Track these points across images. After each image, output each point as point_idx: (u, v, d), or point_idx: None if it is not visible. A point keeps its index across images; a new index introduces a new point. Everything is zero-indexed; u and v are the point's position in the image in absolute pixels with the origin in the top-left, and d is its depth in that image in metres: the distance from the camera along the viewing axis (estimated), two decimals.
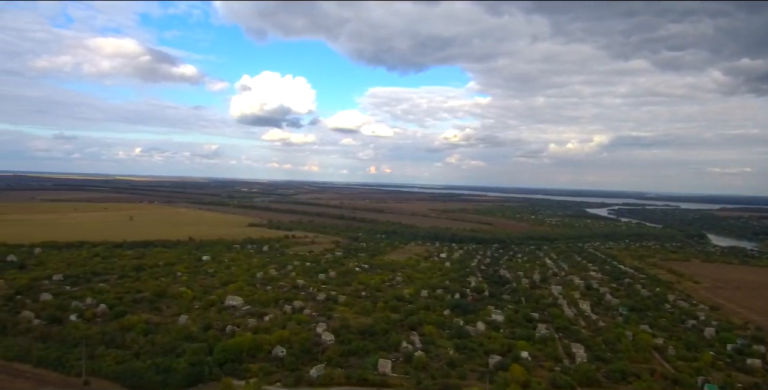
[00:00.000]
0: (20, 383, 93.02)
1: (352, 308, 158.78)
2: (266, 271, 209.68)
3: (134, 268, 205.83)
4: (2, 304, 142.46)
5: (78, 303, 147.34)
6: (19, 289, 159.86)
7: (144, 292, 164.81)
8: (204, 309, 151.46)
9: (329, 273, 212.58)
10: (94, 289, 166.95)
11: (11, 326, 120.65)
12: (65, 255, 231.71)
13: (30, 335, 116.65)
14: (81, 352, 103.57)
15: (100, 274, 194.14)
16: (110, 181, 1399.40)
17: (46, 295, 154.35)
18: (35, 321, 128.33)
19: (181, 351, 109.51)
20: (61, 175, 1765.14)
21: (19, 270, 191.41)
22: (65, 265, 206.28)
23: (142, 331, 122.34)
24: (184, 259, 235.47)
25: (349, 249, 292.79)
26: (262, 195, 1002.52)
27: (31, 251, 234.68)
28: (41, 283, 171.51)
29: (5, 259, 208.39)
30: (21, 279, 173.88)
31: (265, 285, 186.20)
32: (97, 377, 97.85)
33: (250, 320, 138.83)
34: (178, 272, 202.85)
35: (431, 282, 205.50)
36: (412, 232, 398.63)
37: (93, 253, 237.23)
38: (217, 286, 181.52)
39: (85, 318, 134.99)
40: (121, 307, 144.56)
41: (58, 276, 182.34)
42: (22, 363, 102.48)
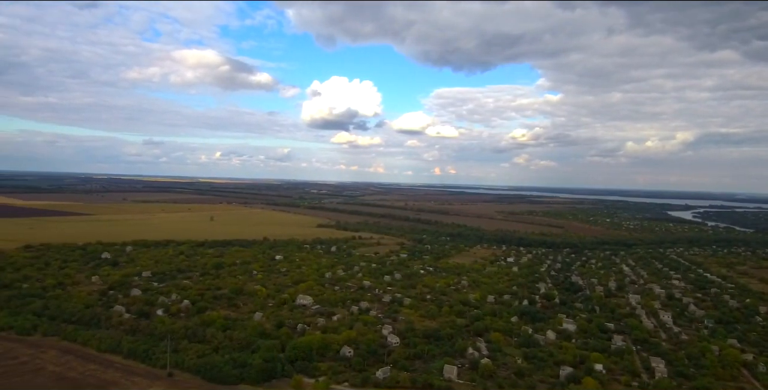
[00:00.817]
0: (111, 373, 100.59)
1: (417, 311, 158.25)
2: (334, 272, 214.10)
3: (214, 266, 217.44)
4: (97, 299, 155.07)
5: (164, 298, 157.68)
6: (112, 285, 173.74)
7: (223, 289, 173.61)
8: (277, 307, 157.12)
9: (394, 275, 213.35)
10: (179, 285, 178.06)
11: (104, 320, 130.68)
12: (153, 253, 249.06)
13: (121, 328, 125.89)
14: (166, 346, 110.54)
15: (184, 271, 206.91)
16: (193, 183, 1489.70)
17: (136, 291, 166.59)
18: (126, 315, 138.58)
19: (256, 347, 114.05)
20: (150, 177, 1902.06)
21: (113, 267, 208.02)
22: (153, 262, 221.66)
23: (221, 327, 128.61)
24: (259, 258, 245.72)
25: (413, 251, 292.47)
26: (330, 196, 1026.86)
27: (123, 249, 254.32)
28: (132, 280, 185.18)
29: (100, 257, 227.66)
30: (114, 275, 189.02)
31: (333, 285, 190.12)
32: (180, 370, 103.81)
33: (320, 319, 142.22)
34: (254, 270, 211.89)
35: (498, 287, 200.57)
36: (478, 235, 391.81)
37: (178, 252, 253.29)
38: (288, 284, 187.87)
39: (170, 313, 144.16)
40: (202, 303, 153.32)
41: (147, 273, 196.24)
42: (113, 354, 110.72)
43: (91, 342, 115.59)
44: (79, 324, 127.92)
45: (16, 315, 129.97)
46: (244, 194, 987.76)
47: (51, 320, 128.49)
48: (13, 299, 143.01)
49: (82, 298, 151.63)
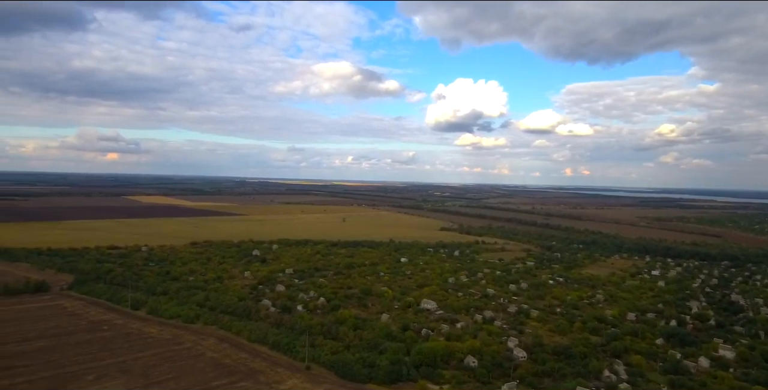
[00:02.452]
0: (258, 362, 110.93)
1: (546, 325, 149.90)
2: (457, 277, 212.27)
3: (346, 265, 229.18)
4: (248, 293, 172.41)
5: (303, 295, 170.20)
6: (261, 280, 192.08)
7: (354, 289, 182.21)
8: (402, 309, 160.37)
9: (520, 284, 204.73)
10: (316, 283, 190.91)
11: (254, 312, 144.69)
12: (294, 251, 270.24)
13: (267, 321, 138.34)
14: (305, 341, 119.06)
15: (320, 269, 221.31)
16: (328, 186, 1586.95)
17: (280, 287, 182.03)
18: (271, 309, 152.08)
19: (383, 348, 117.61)
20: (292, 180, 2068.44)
21: (261, 263, 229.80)
22: (294, 260, 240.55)
23: (352, 326, 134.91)
24: (386, 259, 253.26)
25: (541, 259, 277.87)
26: (453, 199, 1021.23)
27: (270, 247, 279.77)
28: (277, 276, 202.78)
29: (252, 254, 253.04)
30: (262, 271, 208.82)
31: (456, 291, 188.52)
32: (317, 364, 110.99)
33: (443, 325, 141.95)
34: (381, 272, 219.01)
35: (640, 304, 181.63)
36: (616, 243, 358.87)
37: (315, 251, 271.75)
38: (413, 287, 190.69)
39: (309, 309, 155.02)
40: (335, 302, 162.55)
41: (290, 270, 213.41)
42: (260, 345, 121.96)
43: (243, 332, 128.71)
44: (234, 315, 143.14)
45: (183, 305, 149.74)
46: (372, 196, 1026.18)
47: (211, 311, 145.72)
48: (181, 291, 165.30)
49: (237, 292, 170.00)
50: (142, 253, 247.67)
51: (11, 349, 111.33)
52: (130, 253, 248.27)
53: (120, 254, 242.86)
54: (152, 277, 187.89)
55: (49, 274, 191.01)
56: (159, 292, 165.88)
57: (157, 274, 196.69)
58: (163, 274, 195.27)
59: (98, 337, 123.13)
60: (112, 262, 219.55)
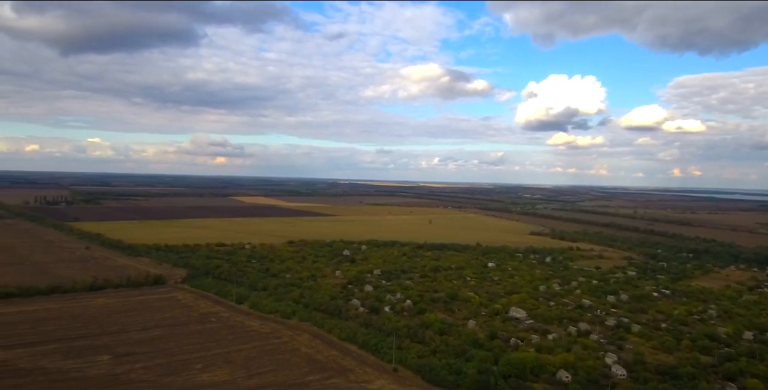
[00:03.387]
0: (348, 361, 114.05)
1: (649, 341, 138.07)
2: (549, 285, 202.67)
3: (432, 268, 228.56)
4: (339, 292, 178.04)
5: (390, 296, 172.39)
6: (350, 280, 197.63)
7: (440, 293, 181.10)
8: (489, 316, 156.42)
9: (620, 295, 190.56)
10: (402, 285, 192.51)
11: (344, 311, 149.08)
12: (382, 252, 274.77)
13: (357, 320, 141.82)
14: (392, 342, 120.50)
15: (406, 271, 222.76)
16: (415, 188, 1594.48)
17: (369, 287, 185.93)
18: (360, 308, 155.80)
19: (469, 356, 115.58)
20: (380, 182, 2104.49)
21: (351, 263, 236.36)
22: (382, 261, 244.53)
23: (438, 330, 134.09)
24: (472, 263, 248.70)
25: (644, 268, 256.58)
26: (544, 201, 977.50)
27: (359, 248, 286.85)
28: (365, 276, 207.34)
29: (342, 254, 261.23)
30: (351, 271, 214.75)
31: (548, 300, 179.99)
32: (403, 366, 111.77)
33: (534, 336, 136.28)
34: (467, 276, 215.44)
35: (758, 321, 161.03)
36: (732, 253, 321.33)
37: (401, 252, 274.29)
38: (501, 294, 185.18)
39: (395, 311, 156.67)
40: (422, 305, 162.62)
41: (377, 271, 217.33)
42: (350, 343, 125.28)
43: (334, 330, 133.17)
44: (326, 313, 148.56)
45: (281, 301, 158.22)
46: (458, 198, 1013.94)
47: (305, 307, 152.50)
48: (279, 287, 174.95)
49: (328, 290, 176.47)
50: (245, 251, 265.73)
51: (133, 337, 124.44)
52: (235, 250, 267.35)
53: (226, 251, 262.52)
54: (254, 274, 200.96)
55: (165, 269, 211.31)
56: (260, 287, 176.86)
57: (258, 270, 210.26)
58: (263, 271, 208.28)
59: (207, 328, 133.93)
60: (219, 258, 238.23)
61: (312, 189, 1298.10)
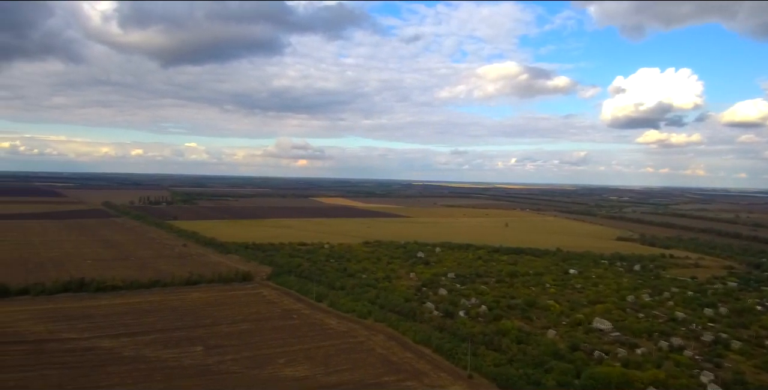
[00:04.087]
0: (422, 364, 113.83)
1: (750, 359, 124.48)
2: (638, 295, 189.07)
3: (509, 273, 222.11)
4: (413, 294, 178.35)
5: (465, 301, 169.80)
6: (424, 282, 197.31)
7: (517, 299, 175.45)
8: (571, 326, 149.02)
9: (718, 308, 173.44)
10: (477, 289, 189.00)
11: (418, 314, 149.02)
12: (456, 255, 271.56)
13: (431, 324, 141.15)
14: (467, 348, 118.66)
15: (481, 275, 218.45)
16: (490, 189, 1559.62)
17: (443, 291, 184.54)
18: (435, 312, 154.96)
19: (549, 367, 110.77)
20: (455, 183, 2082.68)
21: (425, 265, 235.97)
22: (456, 264, 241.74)
23: (515, 339, 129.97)
24: (552, 269, 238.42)
25: (747, 279, 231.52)
26: (633, 204, 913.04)
27: (433, 250, 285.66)
28: (440, 279, 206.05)
29: (416, 255, 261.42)
30: (426, 273, 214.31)
31: (636, 311, 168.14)
32: (478, 374, 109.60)
33: (620, 350, 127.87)
34: (546, 283, 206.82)
35: None
36: None
37: (476, 256, 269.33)
38: (584, 303, 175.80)
39: (470, 316, 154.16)
40: (497, 311, 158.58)
41: (452, 274, 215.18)
42: (424, 346, 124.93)
43: (408, 333, 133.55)
44: (400, 315, 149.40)
45: (357, 301, 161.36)
46: (537, 200, 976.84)
47: (380, 308, 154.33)
48: (355, 287, 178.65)
49: (403, 292, 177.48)
50: (324, 250, 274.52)
51: (223, 330, 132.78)
52: (315, 249, 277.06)
53: (307, 250, 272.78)
54: (332, 273, 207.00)
55: (252, 266, 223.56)
56: (338, 287, 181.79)
57: (336, 270, 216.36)
58: (341, 271, 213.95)
59: (289, 324, 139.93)
60: (301, 257, 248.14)
61: (387, 190, 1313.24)
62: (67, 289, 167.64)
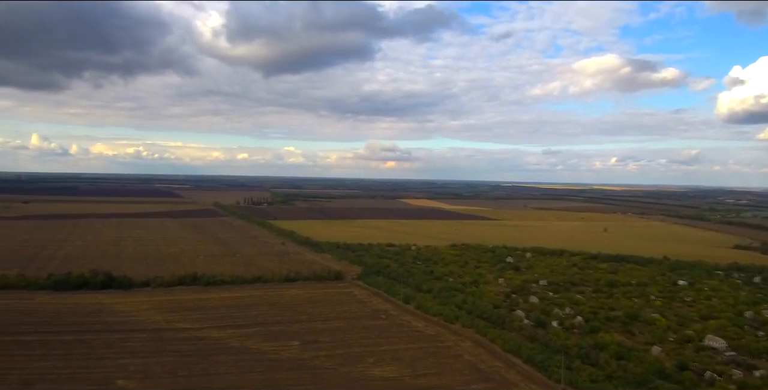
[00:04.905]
0: (512, 374, 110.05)
1: None
2: (758, 311, 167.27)
3: (608, 283, 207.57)
4: (502, 300, 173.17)
5: (558, 310, 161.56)
6: (514, 289, 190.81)
7: (616, 311, 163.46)
8: (679, 343, 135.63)
9: None
10: (572, 299, 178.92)
11: (507, 321, 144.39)
12: (549, 261, 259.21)
13: (521, 333, 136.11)
14: (560, 361, 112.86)
15: (576, 284, 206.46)
16: (586, 191, 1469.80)
17: (534, 298, 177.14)
18: (525, 321, 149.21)
19: (653, 387, 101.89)
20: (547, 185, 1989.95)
21: (515, 271, 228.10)
22: (549, 271, 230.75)
23: (614, 354, 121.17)
24: (658, 280, 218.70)
25: None
26: (752, 208, 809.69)
27: (523, 255, 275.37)
28: (530, 286, 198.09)
29: (505, 260, 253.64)
30: (515, 280, 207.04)
31: (755, 329, 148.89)
32: (573, 388, 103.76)
33: (736, 371, 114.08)
34: (651, 295, 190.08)
35: None
36: None
37: (571, 263, 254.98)
38: (694, 319, 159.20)
39: (564, 327, 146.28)
40: (595, 323, 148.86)
41: (543, 281, 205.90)
42: (514, 356, 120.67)
43: (497, 340, 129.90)
44: (488, 321, 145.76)
45: (444, 305, 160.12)
46: (640, 203, 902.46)
47: (468, 314, 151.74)
48: (442, 291, 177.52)
49: (491, 298, 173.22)
50: (411, 252, 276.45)
51: (317, 326, 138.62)
52: (403, 250, 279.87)
53: (395, 251, 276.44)
54: (419, 275, 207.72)
55: (344, 265, 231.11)
56: (425, 289, 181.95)
57: (423, 272, 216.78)
58: (428, 273, 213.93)
59: (378, 324, 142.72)
60: (389, 258, 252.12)
61: (474, 192, 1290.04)
62: (182, 282, 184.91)
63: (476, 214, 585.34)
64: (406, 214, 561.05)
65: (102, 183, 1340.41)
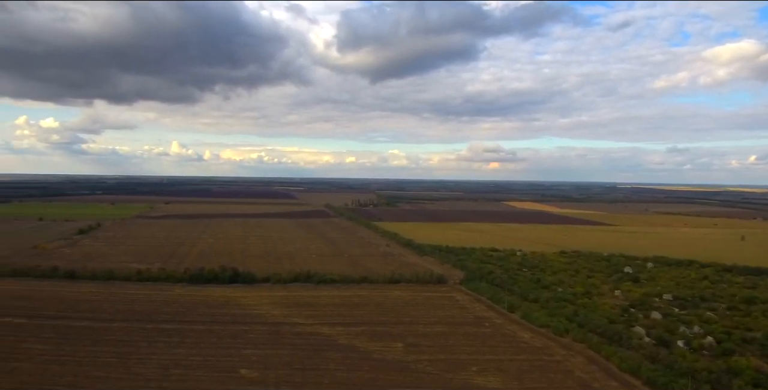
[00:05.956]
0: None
1: None
2: None
3: (744, 299, 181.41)
4: (619, 315, 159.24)
5: (685, 329, 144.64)
6: (632, 303, 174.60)
7: (754, 332, 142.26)
8: None
9: None
10: (702, 316, 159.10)
11: (625, 338, 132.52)
12: (674, 273, 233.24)
13: (640, 351, 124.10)
14: (686, 385, 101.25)
15: (707, 300, 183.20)
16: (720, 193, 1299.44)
17: (656, 314, 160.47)
18: (645, 338, 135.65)
19: None
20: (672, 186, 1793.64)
21: (633, 283, 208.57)
22: (674, 284, 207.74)
23: (751, 380, 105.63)
24: None
25: None
26: None
27: (644, 265, 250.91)
28: (652, 300, 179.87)
29: (622, 270, 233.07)
30: (634, 292, 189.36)
31: None
32: None
33: None
34: None
35: None
36: None
37: (701, 275, 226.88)
38: None
39: (692, 347, 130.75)
40: (728, 344, 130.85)
41: (668, 295, 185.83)
42: (632, 377, 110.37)
43: (613, 358, 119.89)
44: (603, 337, 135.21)
45: (553, 316, 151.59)
46: None
47: (579, 327, 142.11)
48: (550, 301, 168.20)
49: (606, 311, 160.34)
50: (516, 258, 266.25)
51: (420, 330, 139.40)
52: (507, 256, 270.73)
53: (499, 257, 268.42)
54: (525, 283, 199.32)
55: (446, 269, 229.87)
56: (531, 298, 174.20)
57: (529, 280, 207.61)
58: (534, 281, 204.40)
59: (481, 332, 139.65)
60: (492, 263, 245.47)
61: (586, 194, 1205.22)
62: (297, 279, 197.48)
63: (589, 219, 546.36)
64: (510, 218, 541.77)
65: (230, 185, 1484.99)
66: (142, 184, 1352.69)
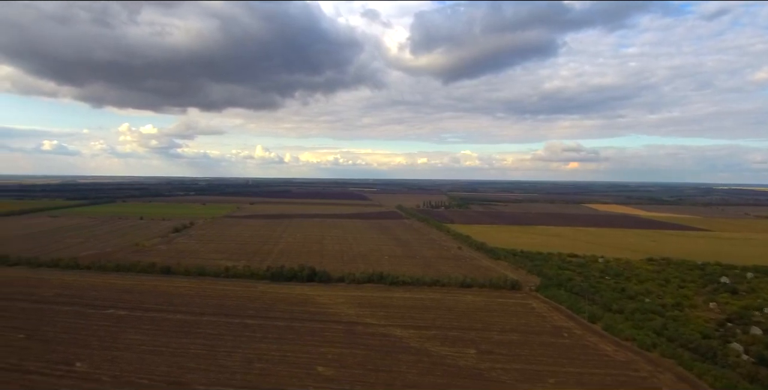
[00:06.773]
0: None
1: None
2: None
3: None
4: (714, 329, 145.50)
5: None
6: (730, 317, 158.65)
7: None
8: None
9: None
10: None
11: (720, 355, 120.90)
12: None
13: (737, 370, 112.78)
14: None
15: None
16: None
17: (757, 330, 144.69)
18: (743, 356, 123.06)
19: None
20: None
21: (731, 295, 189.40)
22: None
23: None
24: None
25: None
26: None
27: (743, 275, 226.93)
28: (752, 314, 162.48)
29: (718, 281, 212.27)
30: (732, 305, 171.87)
31: None
32: None
33: None
34: None
35: None
36: None
37: None
38: None
39: None
40: None
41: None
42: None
43: (706, 377, 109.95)
44: (695, 353, 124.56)
45: (639, 329, 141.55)
46: None
47: (669, 341, 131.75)
48: (636, 312, 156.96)
49: (699, 325, 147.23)
50: (598, 265, 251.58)
51: (494, 337, 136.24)
52: (588, 263, 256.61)
53: (578, 263, 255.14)
54: (608, 292, 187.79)
55: (521, 274, 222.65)
56: (614, 309, 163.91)
57: (612, 288, 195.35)
58: (618, 290, 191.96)
59: (559, 342, 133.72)
60: (571, 270, 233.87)
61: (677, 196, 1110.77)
62: (370, 280, 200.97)
63: (681, 223, 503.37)
64: (591, 221, 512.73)
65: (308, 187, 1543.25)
66: (230, 186, 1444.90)
